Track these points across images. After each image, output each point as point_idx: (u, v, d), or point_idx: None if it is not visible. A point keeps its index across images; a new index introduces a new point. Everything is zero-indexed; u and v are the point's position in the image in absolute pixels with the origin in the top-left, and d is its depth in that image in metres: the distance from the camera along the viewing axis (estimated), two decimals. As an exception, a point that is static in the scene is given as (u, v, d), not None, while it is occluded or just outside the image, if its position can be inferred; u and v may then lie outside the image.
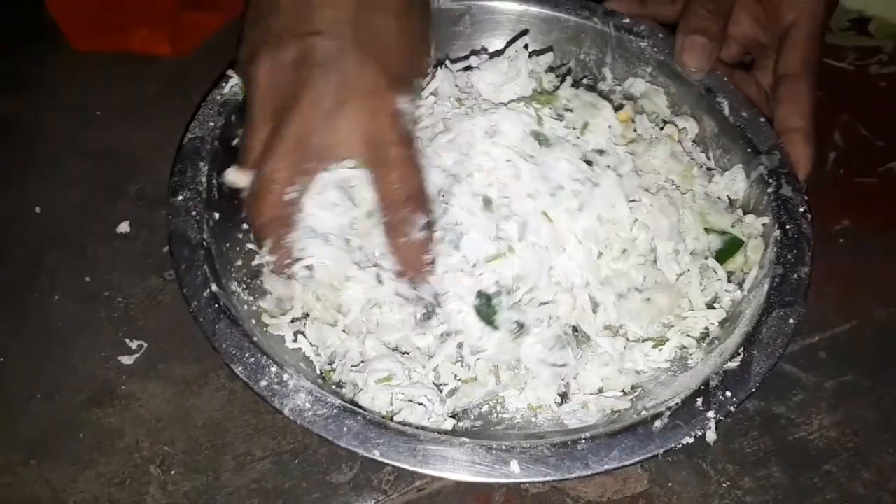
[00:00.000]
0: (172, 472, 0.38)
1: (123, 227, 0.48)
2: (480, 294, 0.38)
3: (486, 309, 0.38)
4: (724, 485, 0.39)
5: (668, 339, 0.39)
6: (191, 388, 0.41)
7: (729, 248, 0.42)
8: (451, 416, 0.38)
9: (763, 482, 0.39)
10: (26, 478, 0.38)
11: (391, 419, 0.35)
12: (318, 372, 0.39)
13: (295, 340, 0.39)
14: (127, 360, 0.42)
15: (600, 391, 0.39)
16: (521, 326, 0.38)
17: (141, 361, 0.42)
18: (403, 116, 0.38)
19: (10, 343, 0.43)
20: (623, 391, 0.39)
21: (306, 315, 0.40)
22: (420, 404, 0.36)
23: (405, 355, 0.38)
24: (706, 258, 0.42)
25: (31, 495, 0.37)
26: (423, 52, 0.42)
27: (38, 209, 0.48)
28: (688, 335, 0.40)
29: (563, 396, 0.39)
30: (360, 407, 0.34)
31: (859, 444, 0.41)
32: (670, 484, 0.39)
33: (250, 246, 0.42)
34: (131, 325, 0.43)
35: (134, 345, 0.43)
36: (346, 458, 0.39)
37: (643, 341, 0.39)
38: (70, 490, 0.38)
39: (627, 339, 0.39)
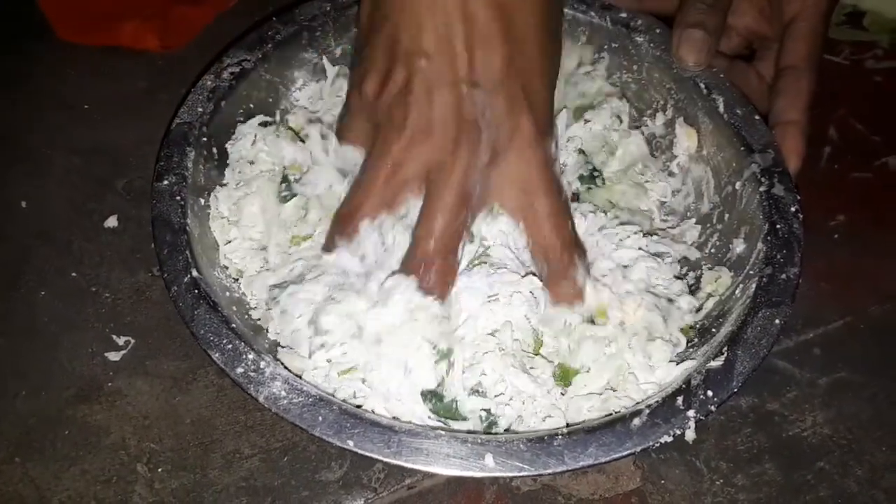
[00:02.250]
0: (159, 470, 0.38)
1: (111, 221, 0.47)
2: (424, 394, 0.35)
3: (440, 405, 0.35)
4: (718, 482, 0.39)
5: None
6: (179, 384, 0.41)
7: None
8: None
9: (756, 479, 0.39)
10: (10, 476, 0.37)
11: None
12: None
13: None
14: (114, 356, 0.42)
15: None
16: (489, 413, 0.35)
17: (128, 358, 0.42)
18: (552, 164, 0.38)
19: (-5, 339, 0.42)
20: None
21: None
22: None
23: None
24: None
25: (14, 493, 0.37)
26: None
27: (24, 204, 0.48)
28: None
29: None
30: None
31: (853, 441, 0.41)
32: (663, 481, 0.39)
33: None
34: (118, 321, 0.43)
35: (121, 341, 0.42)
36: (336, 455, 0.39)
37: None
38: (55, 488, 0.37)
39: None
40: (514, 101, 0.36)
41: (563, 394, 0.37)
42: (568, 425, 0.33)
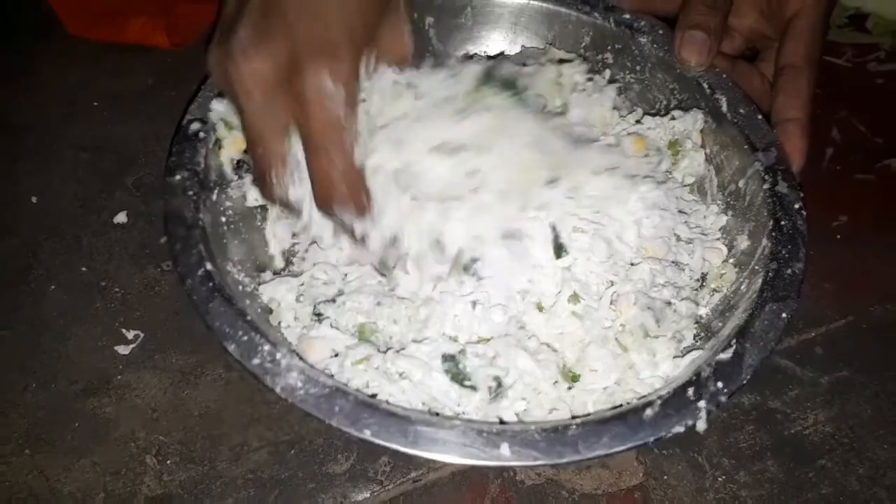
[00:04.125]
0: (168, 462, 0.38)
1: (120, 217, 0.48)
2: (445, 357, 0.36)
3: (456, 370, 0.36)
4: (720, 479, 0.39)
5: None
6: (187, 378, 0.41)
7: None
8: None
9: (758, 476, 0.39)
10: (20, 468, 0.38)
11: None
12: None
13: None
14: (123, 350, 0.42)
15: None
16: (500, 384, 0.36)
17: (137, 351, 0.42)
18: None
19: (5, 333, 0.42)
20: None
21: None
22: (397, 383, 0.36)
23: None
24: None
25: (24, 485, 0.37)
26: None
27: (34, 199, 0.48)
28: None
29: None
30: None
31: (854, 439, 0.41)
32: (665, 477, 0.39)
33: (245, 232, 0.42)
34: (128, 316, 0.43)
35: (130, 335, 0.43)
36: (343, 448, 0.39)
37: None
38: (64, 480, 0.37)
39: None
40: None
41: (570, 388, 0.37)
42: (574, 417, 0.34)
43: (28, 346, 0.42)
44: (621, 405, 0.34)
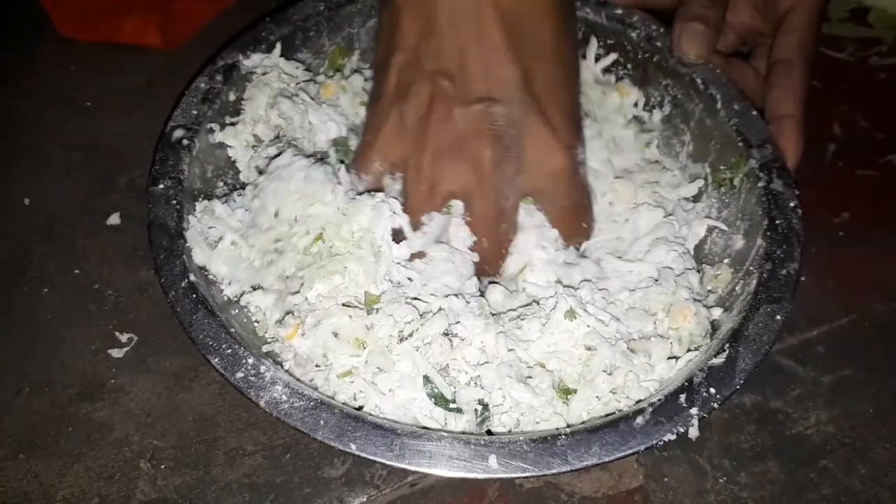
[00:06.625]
0: (162, 467, 0.38)
1: (113, 219, 0.47)
2: (426, 379, 0.35)
3: (438, 391, 0.35)
4: (721, 480, 0.39)
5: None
6: (181, 381, 0.41)
7: None
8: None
9: (760, 477, 0.39)
10: (14, 472, 0.37)
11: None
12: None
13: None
14: (117, 353, 0.42)
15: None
16: (485, 407, 0.35)
17: (131, 355, 0.42)
18: (577, 170, 0.40)
19: (-2, 336, 0.42)
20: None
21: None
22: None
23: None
24: None
25: (18, 490, 0.37)
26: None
27: (27, 201, 0.48)
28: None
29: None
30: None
31: (856, 439, 0.40)
32: (666, 479, 0.39)
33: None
34: (121, 318, 0.43)
35: (124, 338, 0.42)
36: (339, 452, 0.38)
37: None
38: (58, 485, 0.37)
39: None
40: (534, 113, 0.38)
41: (564, 402, 0.36)
42: (568, 426, 0.33)
43: (22, 349, 0.42)
44: (614, 412, 0.34)
